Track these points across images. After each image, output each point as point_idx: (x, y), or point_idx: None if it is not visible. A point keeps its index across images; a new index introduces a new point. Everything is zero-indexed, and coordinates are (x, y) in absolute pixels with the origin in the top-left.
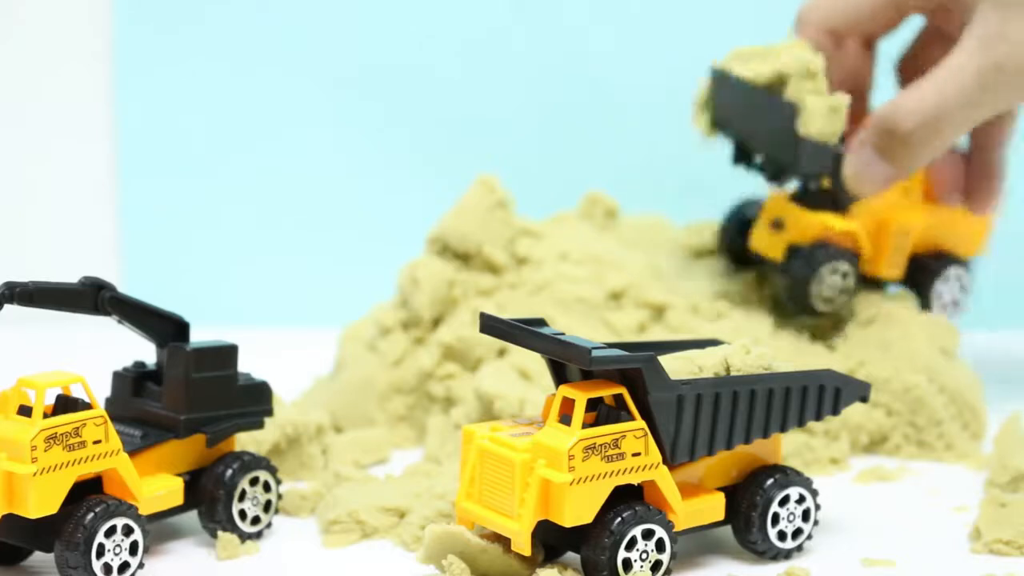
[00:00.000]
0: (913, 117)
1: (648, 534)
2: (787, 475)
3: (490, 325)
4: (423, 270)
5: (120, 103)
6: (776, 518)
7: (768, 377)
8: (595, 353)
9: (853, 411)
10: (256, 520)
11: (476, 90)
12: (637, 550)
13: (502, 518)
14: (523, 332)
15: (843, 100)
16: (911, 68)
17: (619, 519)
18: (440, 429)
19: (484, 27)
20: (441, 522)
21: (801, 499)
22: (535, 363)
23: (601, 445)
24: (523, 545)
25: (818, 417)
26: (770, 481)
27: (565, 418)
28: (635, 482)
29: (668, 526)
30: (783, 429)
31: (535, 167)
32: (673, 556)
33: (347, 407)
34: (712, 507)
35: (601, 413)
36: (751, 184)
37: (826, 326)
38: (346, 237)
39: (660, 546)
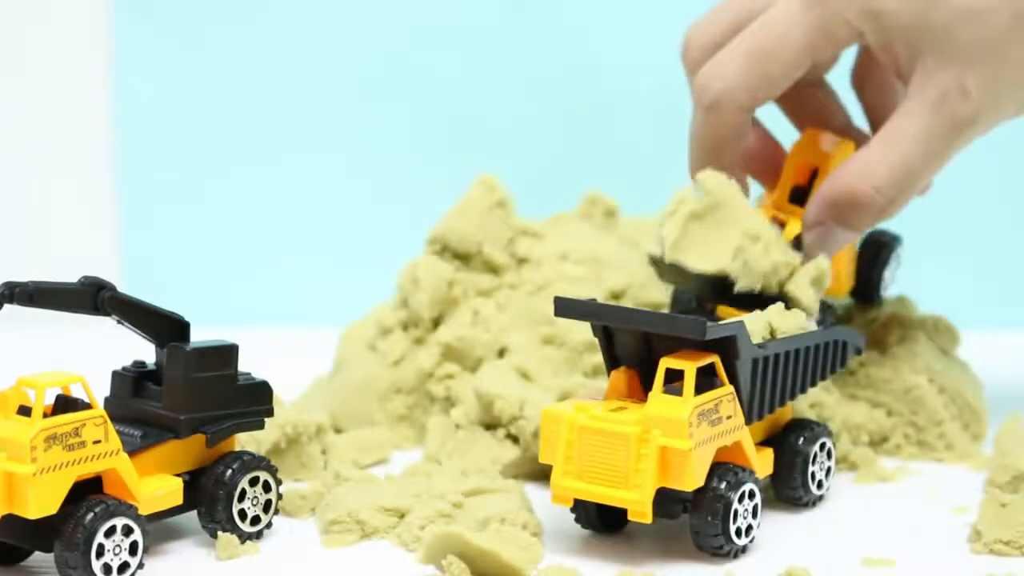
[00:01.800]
0: (885, 192)
1: (751, 494)
2: (814, 429)
3: (569, 307)
4: (423, 270)
5: (120, 103)
6: (813, 463)
7: (810, 336)
8: (709, 325)
9: (854, 411)
10: (256, 520)
11: (476, 90)
12: (740, 514)
13: (614, 490)
14: (621, 310)
15: (824, 264)
16: (861, 81)
17: (724, 483)
18: (440, 429)
19: (484, 27)
20: (441, 522)
21: (824, 447)
22: (535, 363)
23: (708, 411)
24: (645, 513)
25: (833, 370)
26: (805, 435)
27: (671, 389)
28: (728, 443)
29: (757, 483)
30: (813, 384)
31: (535, 167)
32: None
33: (347, 407)
34: (764, 461)
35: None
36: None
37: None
38: (346, 237)
39: (751, 495)
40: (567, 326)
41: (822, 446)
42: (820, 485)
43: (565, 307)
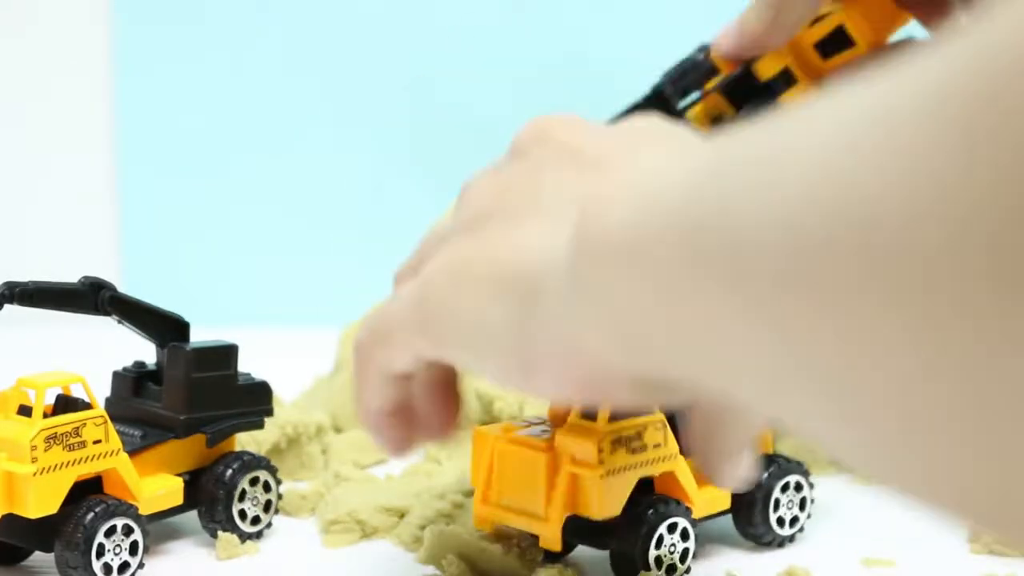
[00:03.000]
0: None
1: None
2: (780, 465)
3: None
4: None
5: (120, 102)
6: (777, 504)
7: None
8: None
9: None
10: (256, 520)
11: (476, 89)
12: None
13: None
14: None
15: None
16: None
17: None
18: None
19: (484, 26)
20: (441, 522)
21: (799, 487)
22: None
23: (628, 438)
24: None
25: None
26: (769, 470)
27: (587, 413)
28: (654, 473)
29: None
30: None
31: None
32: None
33: (347, 407)
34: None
35: None
36: None
37: None
38: (346, 237)
39: (798, 487)
40: None
41: (794, 485)
42: (785, 524)
43: None
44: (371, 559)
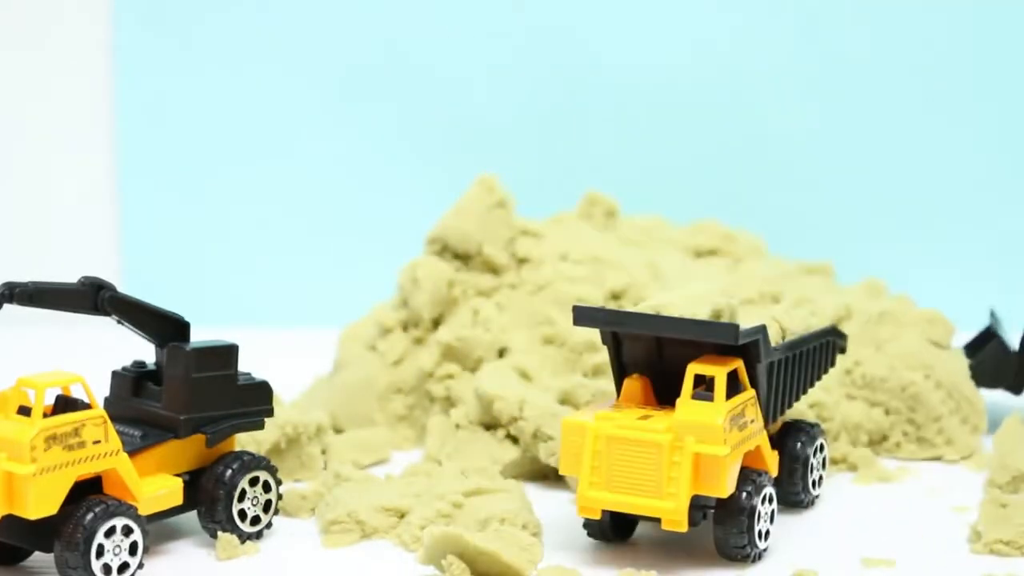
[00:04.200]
0: None
1: (770, 498)
2: (810, 431)
3: (588, 315)
4: (423, 270)
5: (120, 103)
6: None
7: (812, 337)
8: (742, 329)
9: (852, 410)
10: (256, 520)
11: (475, 89)
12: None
13: (645, 499)
14: (644, 317)
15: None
16: None
17: (748, 488)
18: (440, 429)
19: (483, 26)
20: (441, 522)
21: (822, 448)
22: (535, 363)
23: (737, 416)
24: (680, 521)
25: (825, 371)
26: (803, 439)
27: (700, 395)
28: (752, 447)
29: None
30: (812, 385)
31: (536, 167)
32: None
33: (347, 407)
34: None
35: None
36: (743, 179)
37: None
38: (346, 237)
39: (770, 499)
40: (567, 326)
41: (820, 447)
42: (816, 484)
43: (583, 316)
44: (371, 559)
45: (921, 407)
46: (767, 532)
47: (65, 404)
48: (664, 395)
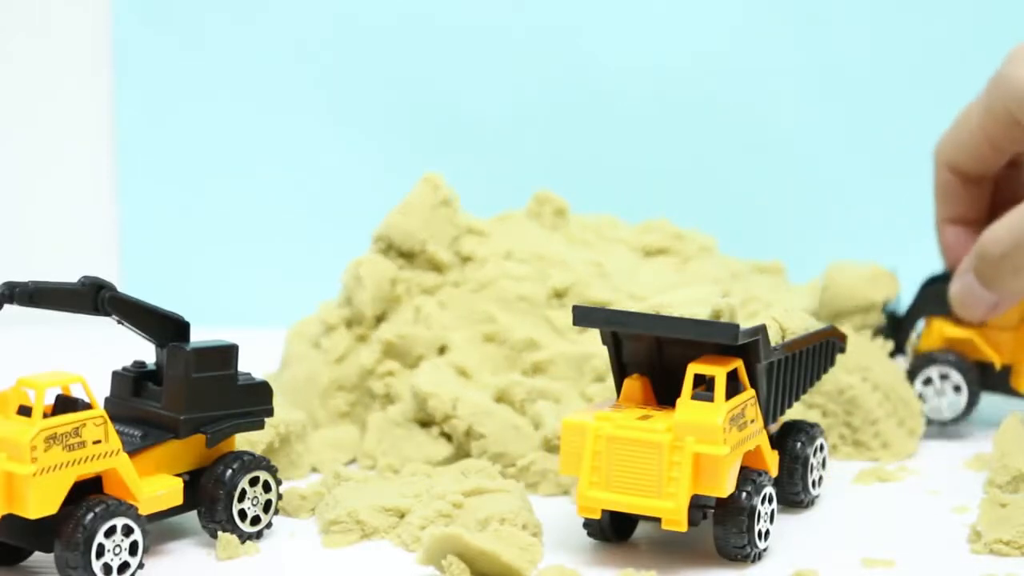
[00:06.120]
0: (1001, 244)
1: (770, 498)
2: (809, 431)
3: (588, 315)
4: (366, 268)
5: (120, 105)
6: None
7: (812, 336)
8: (741, 329)
9: (790, 413)
10: (256, 520)
11: (476, 96)
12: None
13: (645, 499)
14: (646, 317)
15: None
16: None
17: (748, 488)
18: (379, 426)
19: (441, 26)
20: (441, 522)
21: (822, 447)
22: (474, 361)
23: (737, 416)
24: (680, 521)
25: (825, 370)
26: (802, 439)
27: (700, 395)
28: (752, 447)
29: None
30: (812, 385)
31: (490, 166)
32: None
33: (292, 404)
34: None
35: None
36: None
37: None
38: (346, 238)
39: (770, 499)
40: (508, 324)
41: (820, 447)
42: (816, 484)
43: (583, 316)
44: (371, 559)
45: (858, 410)
46: (767, 532)
47: (65, 404)
48: (664, 395)
